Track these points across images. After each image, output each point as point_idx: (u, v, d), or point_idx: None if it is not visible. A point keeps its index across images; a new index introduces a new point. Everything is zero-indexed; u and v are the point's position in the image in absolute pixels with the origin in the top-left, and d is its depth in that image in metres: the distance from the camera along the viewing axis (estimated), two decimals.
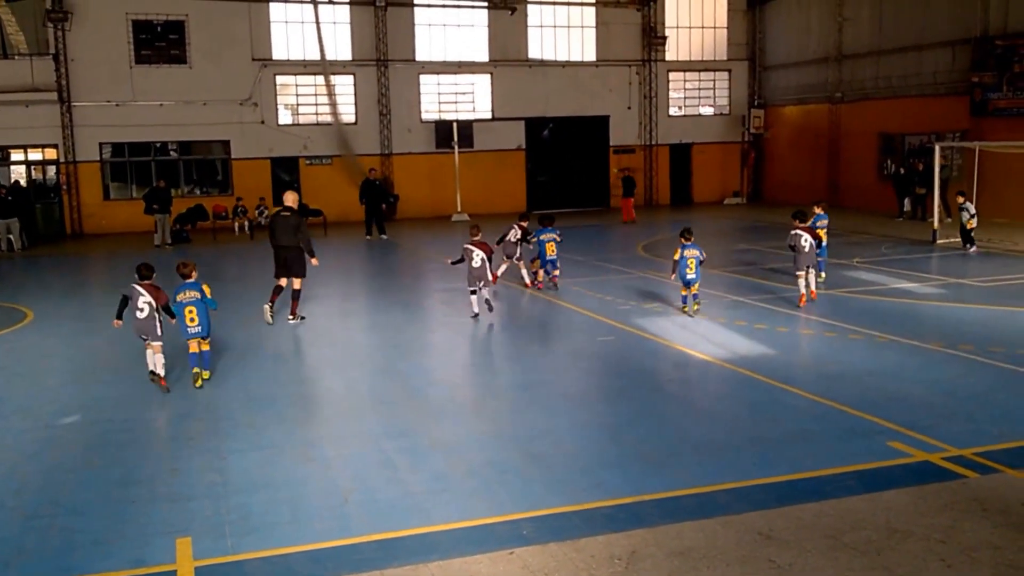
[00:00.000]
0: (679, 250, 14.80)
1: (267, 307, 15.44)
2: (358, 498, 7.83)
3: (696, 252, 14.87)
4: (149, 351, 11.48)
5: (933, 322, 14.54)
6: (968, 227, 21.91)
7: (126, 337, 14.83)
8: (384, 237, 28.75)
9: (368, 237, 28.97)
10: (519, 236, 18.06)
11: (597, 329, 14.52)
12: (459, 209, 34.18)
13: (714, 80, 39.88)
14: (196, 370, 11.53)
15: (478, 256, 14.94)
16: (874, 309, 15.52)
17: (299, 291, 15.58)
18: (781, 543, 6.67)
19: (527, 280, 18.21)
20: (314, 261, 15.43)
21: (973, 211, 21.89)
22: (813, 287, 15.95)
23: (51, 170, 32.41)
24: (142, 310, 11.26)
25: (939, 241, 23.55)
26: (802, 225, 15.66)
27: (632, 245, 25.32)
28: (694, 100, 39.93)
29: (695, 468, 8.36)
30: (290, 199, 15.63)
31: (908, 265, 20.25)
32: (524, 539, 6.91)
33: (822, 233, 17.16)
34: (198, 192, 33.78)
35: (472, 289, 15.27)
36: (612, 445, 9.10)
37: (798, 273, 15.65)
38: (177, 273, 11.78)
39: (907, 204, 30.31)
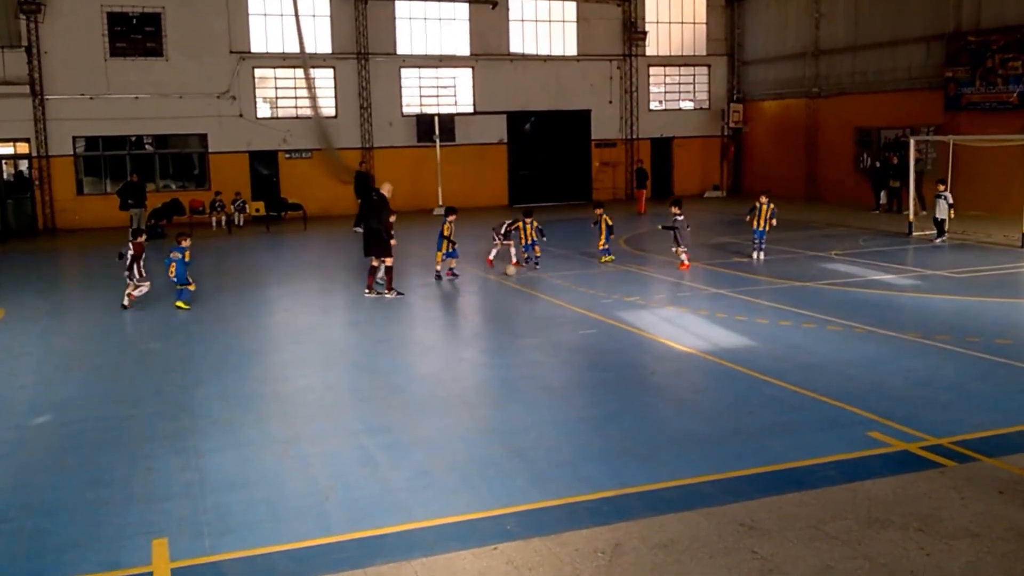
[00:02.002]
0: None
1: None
2: (338, 496, 7.76)
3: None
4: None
5: (910, 313, 14.62)
6: (947, 217, 22.07)
7: (99, 335, 14.76)
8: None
9: (356, 229, 28.83)
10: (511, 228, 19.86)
11: (579, 322, 14.51)
12: (440, 203, 34.07)
13: (694, 75, 40.01)
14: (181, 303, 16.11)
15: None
16: (852, 300, 15.59)
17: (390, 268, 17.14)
18: (763, 533, 6.68)
19: (513, 259, 19.74)
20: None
21: (951, 201, 22.07)
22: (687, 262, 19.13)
23: (23, 164, 32.02)
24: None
25: (915, 233, 23.70)
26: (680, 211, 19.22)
27: (615, 238, 25.25)
28: (674, 95, 40.03)
29: (677, 460, 8.35)
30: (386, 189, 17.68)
31: (885, 257, 20.36)
32: (507, 534, 6.87)
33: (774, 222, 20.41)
34: (174, 187, 33.50)
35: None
36: (595, 439, 9.08)
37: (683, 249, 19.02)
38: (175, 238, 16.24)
39: (883, 197, 30.52)
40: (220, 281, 19.71)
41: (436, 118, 34.24)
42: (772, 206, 20.23)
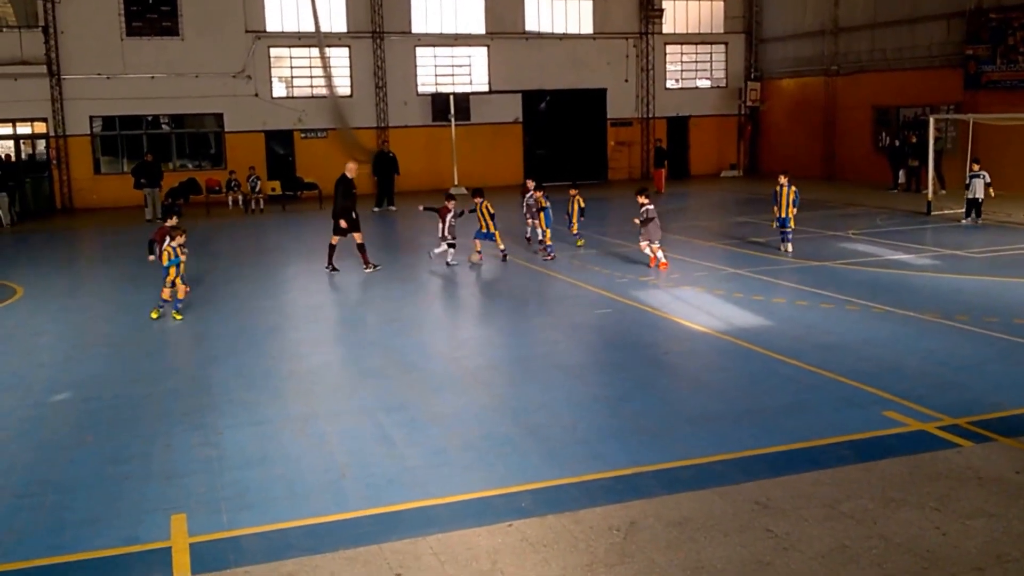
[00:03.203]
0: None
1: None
2: (355, 473, 7.81)
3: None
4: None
5: (928, 293, 14.53)
6: (984, 197, 21.64)
7: (117, 313, 14.85)
8: (393, 208, 29.17)
9: (376, 209, 28.95)
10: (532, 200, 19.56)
11: (594, 302, 14.50)
12: (456, 182, 34.02)
13: (711, 53, 39.71)
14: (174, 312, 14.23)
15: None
16: (870, 280, 15.51)
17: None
18: (778, 512, 6.68)
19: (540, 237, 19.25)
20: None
21: (989, 179, 21.71)
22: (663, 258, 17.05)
23: (41, 144, 32.18)
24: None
25: (934, 213, 23.53)
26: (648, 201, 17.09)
27: (629, 218, 25.18)
28: (691, 73, 39.77)
29: (692, 439, 8.35)
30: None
31: (903, 236, 20.24)
32: (522, 511, 6.90)
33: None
34: (190, 166, 33.58)
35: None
36: (610, 417, 9.09)
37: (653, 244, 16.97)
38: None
39: (901, 176, 30.29)
40: (236, 260, 19.78)
41: (451, 97, 34.15)
42: (794, 188, 18.24)
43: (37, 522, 7.04)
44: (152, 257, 14.48)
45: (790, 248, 18.23)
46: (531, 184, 19.94)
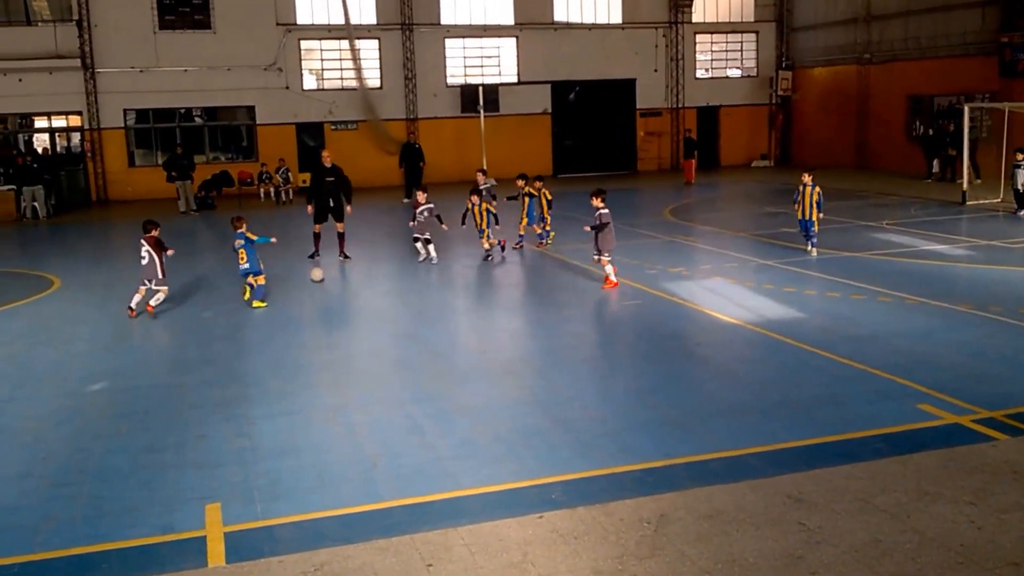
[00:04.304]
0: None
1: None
2: (386, 463, 7.85)
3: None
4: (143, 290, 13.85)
5: (963, 284, 14.38)
6: None
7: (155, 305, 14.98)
8: None
9: (406, 200, 29.01)
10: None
11: (624, 293, 14.46)
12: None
13: (741, 42, 39.41)
14: (256, 303, 14.25)
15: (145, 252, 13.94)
16: (903, 271, 15.36)
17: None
18: (811, 506, 6.64)
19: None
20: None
21: None
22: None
23: (75, 137, 32.54)
24: (144, 257, 13.79)
25: (968, 202, 23.24)
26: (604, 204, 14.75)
27: (660, 209, 25.17)
28: (721, 62, 39.48)
29: (723, 432, 8.32)
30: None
31: (938, 227, 20.01)
32: (553, 503, 6.91)
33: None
34: (223, 158, 33.83)
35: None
36: (640, 409, 9.08)
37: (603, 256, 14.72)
38: (230, 224, 14.61)
39: (935, 165, 29.96)
40: (266, 251, 19.86)
41: (480, 88, 34.10)
42: (818, 190, 16.88)
43: (74, 511, 7.14)
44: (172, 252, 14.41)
45: (815, 252, 16.92)
46: (481, 177, 19.40)
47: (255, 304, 14.22)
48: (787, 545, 6.10)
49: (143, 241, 13.84)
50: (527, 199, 18.83)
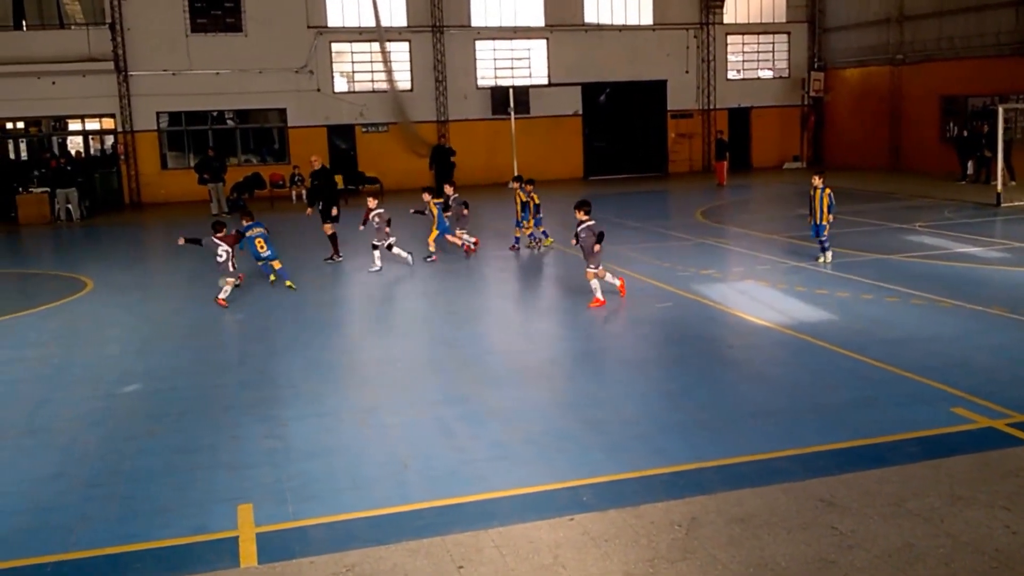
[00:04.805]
0: None
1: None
2: (417, 465, 7.88)
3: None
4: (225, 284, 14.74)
5: (997, 287, 14.20)
6: None
7: (186, 306, 15.15)
8: None
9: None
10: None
11: (655, 295, 14.42)
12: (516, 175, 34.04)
13: (773, 43, 39.17)
14: (288, 283, 15.66)
15: (223, 251, 14.66)
16: (937, 274, 15.21)
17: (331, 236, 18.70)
18: (843, 510, 6.60)
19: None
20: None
21: None
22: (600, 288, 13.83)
23: (109, 140, 32.90)
24: (221, 256, 14.63)
25: (1003, 204, 22.97)
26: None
27: (691, 211, 25.07)
28: (753, 63, 39.26)
29: (755, 435, 8.28)
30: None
31: (972, 229, 19.79)
32: (584, 505, 6.91)
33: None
34: (255, 161, 34.08)
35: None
36: (671, 412, 9.05)
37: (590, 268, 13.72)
38: (241, 218, 16.17)
39: (970, 167, 29.61)
40: (299, 253, 20.00)
41: (511, 90, 34.10)
42: (828, 192, 16.36)
43: (109, 511, 7.22)
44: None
45: (829, 258, 16.34)
46: (449, 189, 19.31)
47: (289, 285, 15.49)
48: (819, 549, 6.06)
49: (218, 241, 14.57)
50: (522, 202, 18.70)
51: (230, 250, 14.67)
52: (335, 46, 34.04)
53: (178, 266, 19.42)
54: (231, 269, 14.68)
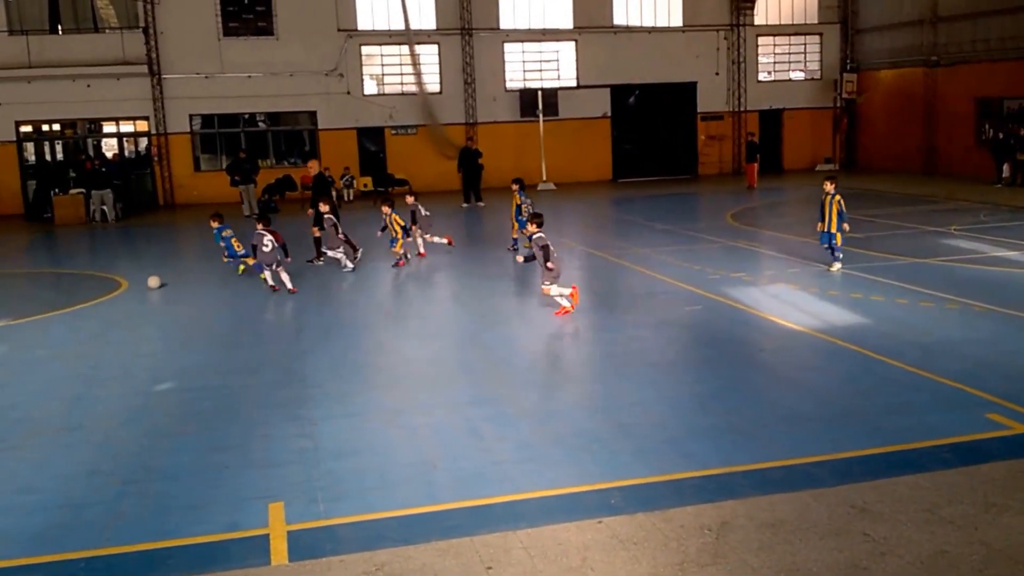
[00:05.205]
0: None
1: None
2: (446, 465, 7.90)
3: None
4: (268, 273, 15.78)
5: None
6: None
7: (217, 306, 15.27)
8: (481, 204, 29.10)
9: (465, 205, 29.19)
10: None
11: (685, 298, 14.37)
12: (544, 178, 34.07)
13: (805, 44, 38.87)
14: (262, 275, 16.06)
15: (268, 241, 15.76)
16: (972, 278, 15.04)
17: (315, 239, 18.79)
18: (876, 516, 6.54)
19: (421, 250, 19.14)
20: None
21: None
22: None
23: (143, 142, 33.24)
24: (267, 246, 15.61)
25: None
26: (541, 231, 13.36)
27: (721, 214, 24.95)
28: (784, 65, 38.99)
29: (786, 440, 8.22)
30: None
31: (1008, 232, 19.55)
32: (612, 508, 6.89)
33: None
34: (286, 163, 34.30)
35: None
36: (701, 415, 9.01)
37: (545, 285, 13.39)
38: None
39: (1005, 170, 29.27)
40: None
41: (539, 92, 34.14)
42: (839, 199, 15.79)
43: (142, 508, 7.30)
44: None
45: (838, 267, 15.89)
46: (410, 199, 19.02)
47: (263, 276, 16.01)
48: (851, 556, 6.01)
49: (264, 231, 15.70)
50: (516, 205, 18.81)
51: (275, 241, 15.64)
52: (365, 49, 34.19)
53: (210, 267, 19.56)
54: (278, 258, 15.82)
